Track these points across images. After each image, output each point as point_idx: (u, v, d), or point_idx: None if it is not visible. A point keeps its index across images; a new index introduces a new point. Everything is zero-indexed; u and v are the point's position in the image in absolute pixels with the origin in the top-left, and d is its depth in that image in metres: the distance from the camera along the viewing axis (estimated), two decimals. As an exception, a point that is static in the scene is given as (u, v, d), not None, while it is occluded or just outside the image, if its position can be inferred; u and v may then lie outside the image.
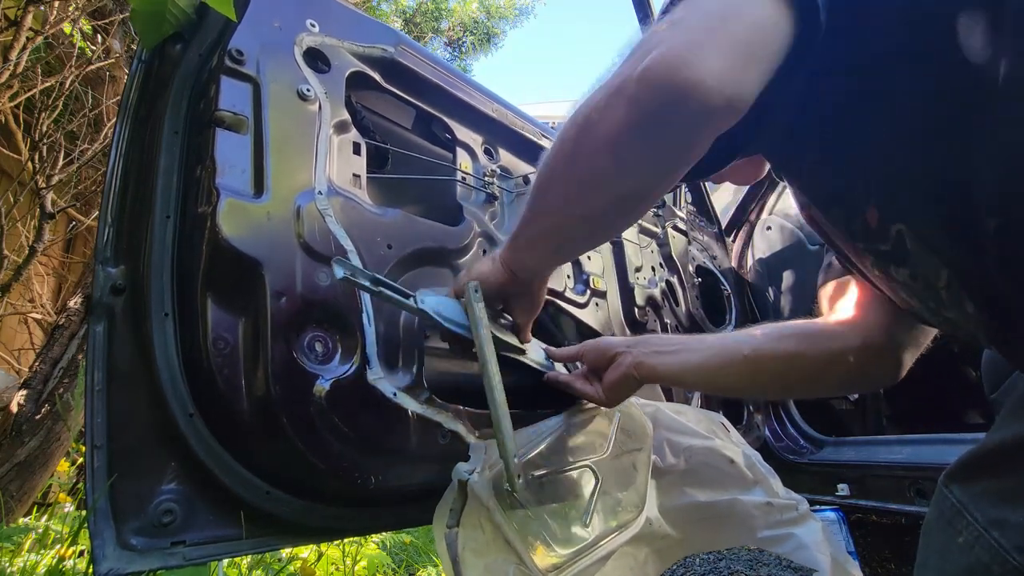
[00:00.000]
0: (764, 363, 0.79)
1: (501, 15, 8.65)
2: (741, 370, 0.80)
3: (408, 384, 0.80)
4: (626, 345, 0.89)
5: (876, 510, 1.35)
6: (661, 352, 0.86)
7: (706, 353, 0.83)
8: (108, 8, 2.59)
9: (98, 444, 0.62)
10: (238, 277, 0.69)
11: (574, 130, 0.57)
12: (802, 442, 1.69)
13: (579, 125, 0.56)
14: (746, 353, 0.79)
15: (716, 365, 0.82)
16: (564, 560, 0.78)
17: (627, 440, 0.96)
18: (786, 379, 0.82)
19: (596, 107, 0.54)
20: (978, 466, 0.47)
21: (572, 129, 0.57)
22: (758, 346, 0.80)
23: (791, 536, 0.90)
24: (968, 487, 0.45)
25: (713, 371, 0.83)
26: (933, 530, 0.49)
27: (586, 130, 0.55)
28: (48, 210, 2.26)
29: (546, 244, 0.70)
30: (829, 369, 0.77)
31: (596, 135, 0.54)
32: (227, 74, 0.76)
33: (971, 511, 0.43)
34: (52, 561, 1.32)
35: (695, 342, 0.87)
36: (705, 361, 0.83)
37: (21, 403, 1.82)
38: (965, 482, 0.46)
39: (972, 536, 0.42)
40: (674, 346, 0.87)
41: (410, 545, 1.99)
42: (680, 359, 0.84)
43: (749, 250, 2.10)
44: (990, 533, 0.41)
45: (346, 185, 0.85)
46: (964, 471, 0.47)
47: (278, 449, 0.69)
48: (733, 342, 0.83)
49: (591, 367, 0.92)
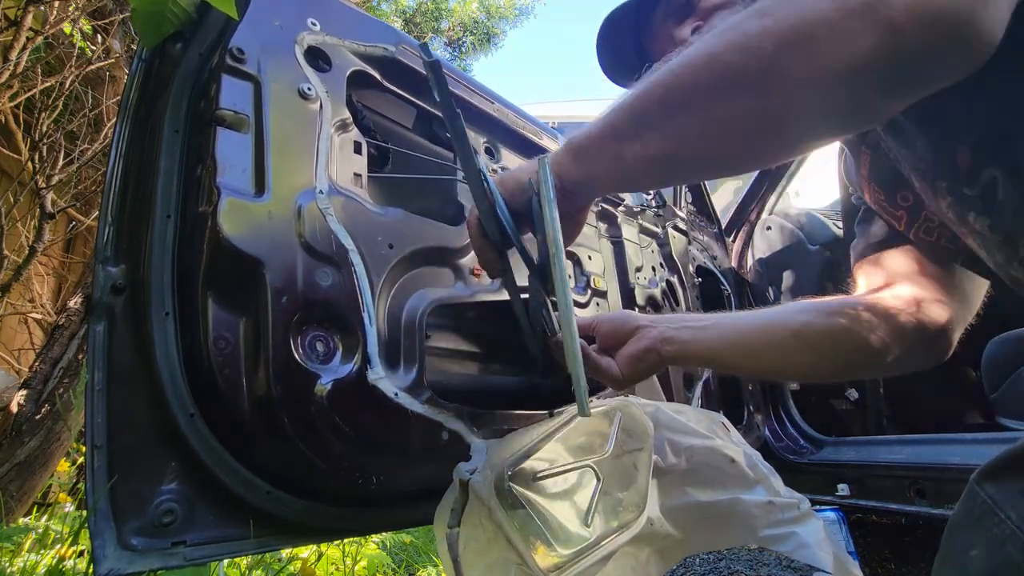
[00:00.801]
0: (815, 341, 0.72)
1: (501, 15, 8.65)
2: (788, 348, 0.73)
3: (409, 384, 0.79)
4: (649, 320, 0.80)
5: (876, 510, 1.35)
6: (692, 327, 0.77)
7: (746, 329, 0.76)
8: (108, 8, 2.59)
9: (98, 444, 0.62)
10: (239, 276, 0.69)
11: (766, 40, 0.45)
12: (802, 442, 1.69)
13: (779, 36, 0.44)
14: (795, 330, 0.73)
15: (760, 342, 0.74)
16: (565, 560, 0.78)
17: (628, 440, 0.96)
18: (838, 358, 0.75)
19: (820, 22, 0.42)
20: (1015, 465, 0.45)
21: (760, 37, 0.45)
22: (807, 322, 0.73)
23: (793, 535, 0.90)
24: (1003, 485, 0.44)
25: (756, 348, 0.75)
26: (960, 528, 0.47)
27: (796, 46, 0.44)
28: (48, 210, 2.26)
29: (638, 164, 0.58)
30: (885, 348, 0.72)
31: (817, 57, 0.43)
32: (228, 73, 0.76)
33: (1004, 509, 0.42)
34: (52, 561, 1.32)
35: (728, 319, 0.80)
36: (746, 337, 0.75)
37: (21, 403, 1.82)
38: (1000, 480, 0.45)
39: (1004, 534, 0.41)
40: (706, 321, 0.79)
41: (410, 545, 1.98)
42: (716, 334, 0.76)
43: (749, 250, 2.11)
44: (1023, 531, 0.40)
45: (347, 184, 0.85)
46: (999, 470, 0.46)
47: (279, 449, 0.69)
48: (777, 318, 0.76)
49: (605, 343, 0.82)
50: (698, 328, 0.78)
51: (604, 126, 0.60)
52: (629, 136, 0.57)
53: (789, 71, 0.44)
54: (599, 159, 0.62)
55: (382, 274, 0.81)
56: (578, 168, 0.63)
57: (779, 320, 0.76)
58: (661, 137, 0.54)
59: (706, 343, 0.77)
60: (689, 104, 0.51)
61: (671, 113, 0.53)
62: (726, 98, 0.49)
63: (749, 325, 0.77)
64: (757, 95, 0.47)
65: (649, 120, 0.55)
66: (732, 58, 0.47)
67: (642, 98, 0.55)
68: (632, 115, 0.57)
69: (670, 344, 0.76)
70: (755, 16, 0.47)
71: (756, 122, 0.49)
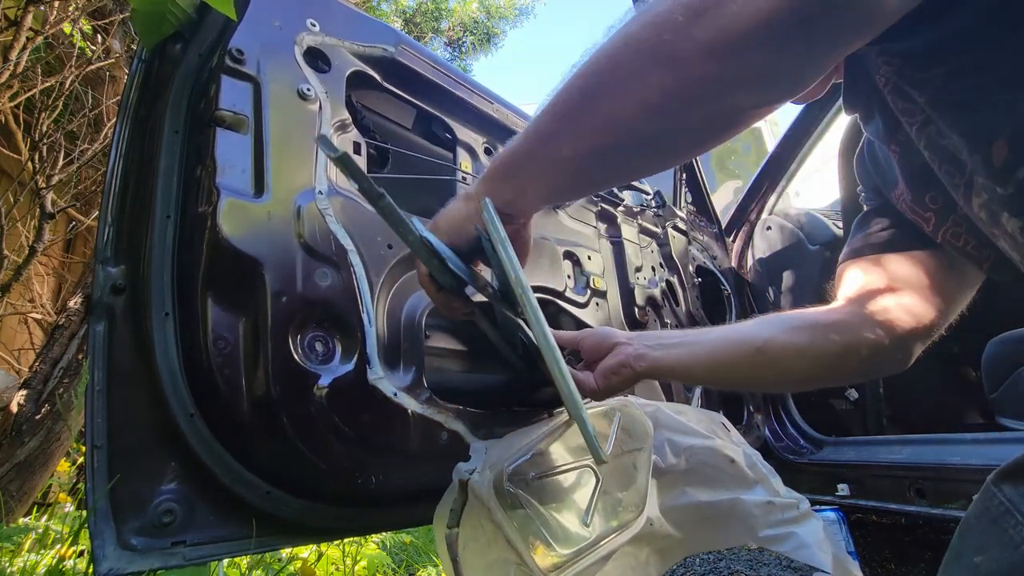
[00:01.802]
0: (777, 356, 0.76)
1: (501, 15, 8.65)
2: (753, 363, 0.77)
3: (409, 384, 0.79)
4: (627, 337, 0.85)
5: (876, 510, 1.35)
6: (665, 344, 0.82)
7: (714, 346, 0.80)
8: (108, 8, 2.59)
9: (98, 444, 0.62)
10: (238, 277, 0.69)
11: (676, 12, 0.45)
12: (802, 442, 1.69)
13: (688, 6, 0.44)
14: (758, 346, 0.76)
15: (726, 358, 0.78)
16: (565, 560, 0.78)
17: (628, 440, 0.96)
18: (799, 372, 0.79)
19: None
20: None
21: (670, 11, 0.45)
22: (770, 339, 0.77)
23: (792, 535, 0.90)
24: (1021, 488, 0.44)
25: (722, 364, 0.79)
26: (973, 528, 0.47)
27: (703, 13, 0.44)
28: (48, 210, 2.26)
29: (571, 166, 0.57)
30: (842, 362, 0.76)
31: (723, 20, 0.43)
32: (227, 73, 0.76)
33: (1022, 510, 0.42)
34: (52, 561, 1.32)
35: (699, 335, 0.84)
36: (713, 354, 0.79)
37: (21, 403, 1.82)
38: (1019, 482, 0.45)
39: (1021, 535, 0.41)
40: (677, 339, 0.83)
41: (410, 545, 1.99)
42: (685, 351, 0.81)
43: (749, 250, 2.10)
44: None
45: (347, 185, 0.85)
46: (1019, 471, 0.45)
47: (278, 449, 0.69)
48: (742, 335, 0.80)
49: (588, 356, 0.87)
50: (670, 345, 0.82)
51: (528, 136, 0.59)
52: (556, 137, 0.56)
53: (699, 37, 0.44)
54: (531, 171, 0.60)
55: (381, 274, 0.81)
56: (510, 187, 0.62)
57: (745, 336, 0.79)
58: (590, 131, 0.53)
59: (676, 359, 0.80)
60: (611, 88, 0.50)
61: (595, 102, 0.52)
62: (646, 74, 0.48)
63: (718, 340, 0.80)
64: (672, 67, 0.46)
65: (574, 115, 0.54)
66: (645, 34, 0.47)
67: (563, 95, 0.54)
68: (555, 115, 0.55)
69: (642, 360, 0.80)
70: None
71: (679, 97, 0.48)
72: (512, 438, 0.84)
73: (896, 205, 0.79)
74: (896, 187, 0.76)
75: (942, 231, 0.72)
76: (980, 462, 1.16)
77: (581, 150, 0.55)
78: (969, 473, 1.16)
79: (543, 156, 0.58)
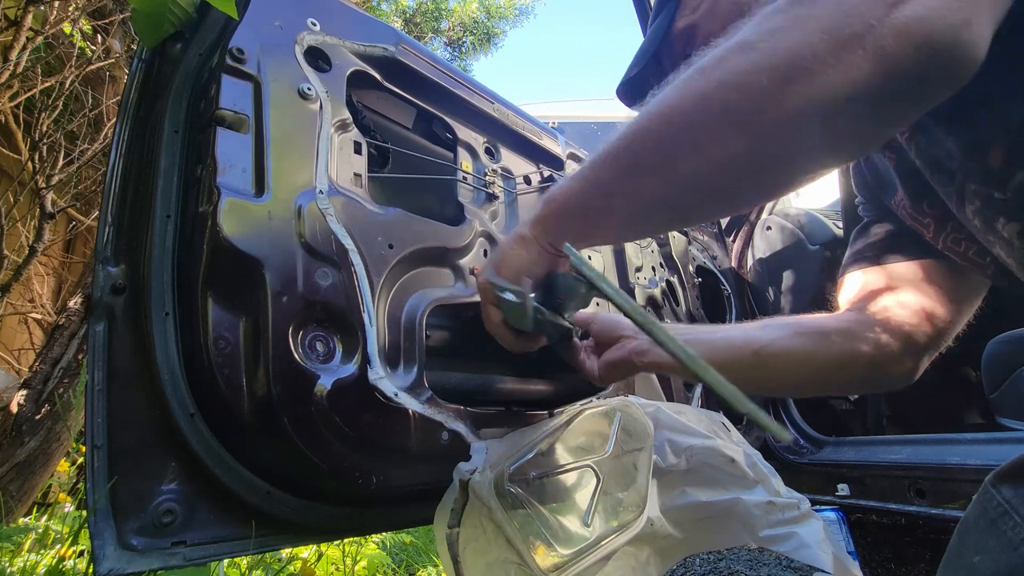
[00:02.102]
0: (775, 361, 0.75)
1: (501, 15, 8.65)
2: (749, 366, 0.76)
3: (409, 384, 0.79)
4: (633, 330, 0.85)
5: (876, 510, 1.35)
6: None
7: (714, 346, 0.80)
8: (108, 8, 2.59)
9: (98, 444, 0.62)
10: (239, 276, 0.69)
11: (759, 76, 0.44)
12: (802, 442, 1.69)
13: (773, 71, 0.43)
14: (756, 349, 0.76)
15: (723, 360, 0.78)
16: (565, 560, 0.78)
17: (628, 440, 0.96)
18: (797, 378, 0.79)
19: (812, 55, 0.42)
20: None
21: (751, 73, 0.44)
22: (769, 343, 0.76)
23: (793, 535, 0.90)
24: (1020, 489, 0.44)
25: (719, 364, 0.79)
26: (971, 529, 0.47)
27: (791, 80, 0.43)
28: (48, 210, 2.26)
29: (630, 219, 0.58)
30: (843, 371, 0.75)
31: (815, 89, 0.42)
32: (228, 73, 0.76)
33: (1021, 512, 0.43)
34: (52, 561, 1.32)
35: (704, 333, 0.84)
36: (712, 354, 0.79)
37: (21, 403, 1.82)
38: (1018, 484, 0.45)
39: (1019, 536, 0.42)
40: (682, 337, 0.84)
41: (410, 545, 1.98)
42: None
43: (749, 250, 2.10)
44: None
45: (347, 184, 0.85)
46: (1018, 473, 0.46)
47: (279, 449, 0.69)
48: (744, 337, 0.79)
49: (596, 339, 0.89)
50: None
51: (588, 185, 0.59)
52: (619, 191, 0.56)
53: (786, 106, 0.44)
54: (589, 220, 0.61)
55: (382, 274, 0.81)
56: (567, 233, 0.63)
57: (745, 338, 0.78)
58: (657, 187, 0.53)
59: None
60: (685, 148, 0.50)
61: (666, 161, 0.51)
62: (723, 138, 0.47)
63: (719, 341, 0.80)
64: (755, 132, 0.46)
65: (641, 171, 0.53)
66: (725, 96, 0.46)
67: (627, 150, 0.54)
68: (619, 169, 0.55)
69: (644, 357, 0.81)
70: (738, 51, 0.46)
71: (757, 159, 0.48)
72: (512, 438, 0.84)
73: (896, 212, 0.79)
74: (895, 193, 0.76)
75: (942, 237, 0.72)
76: (980, 462, 1.16)
77: (645, 205, 0.55)
78: (969, 473, 1.16)
79: (604, 207, 0.58)
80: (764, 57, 0.44)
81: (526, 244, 0.66)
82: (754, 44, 0.45)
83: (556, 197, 0.63)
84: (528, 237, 0.66)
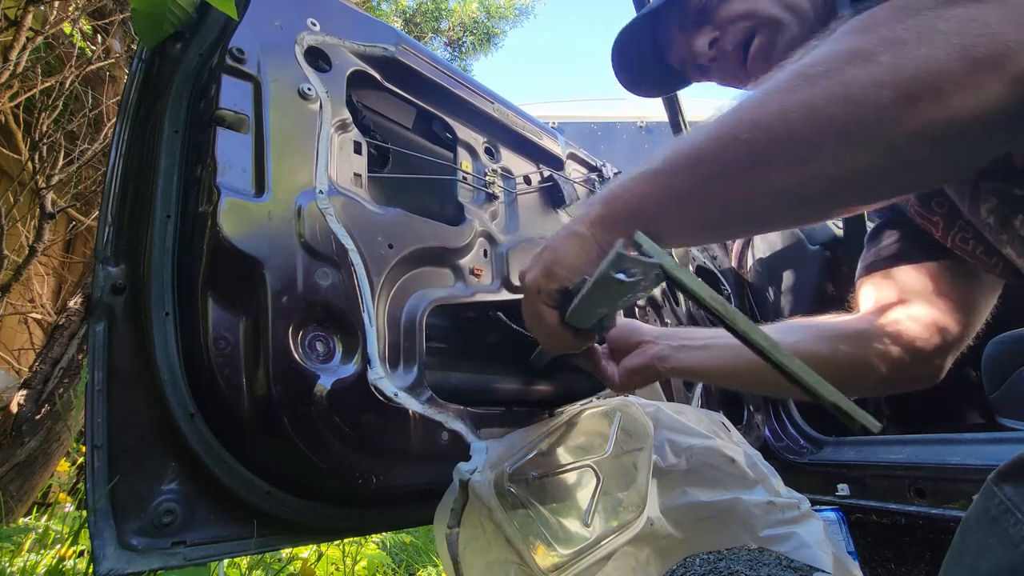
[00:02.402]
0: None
1: (501, 15, 8.65)
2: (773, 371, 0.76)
3: (409, 384, 0.79)
4: (653, 335, 0.85)
5: (876, 510, 1.35)
6: (688, 347, 0.81)
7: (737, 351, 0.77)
8: (108, 8, 2.59)
9: (98, 444, 0.62)
10: (239, 276, 0.69)
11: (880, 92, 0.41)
12: (802, 442, 1.69)
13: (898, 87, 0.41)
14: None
15: (748, 365, 0.76)
16: (565, 560, 0.78)
17: (628, 440, 0.96)
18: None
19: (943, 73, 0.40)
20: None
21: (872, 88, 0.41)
22: (794, 346, 0.75)
23: (793, 535, 0.90)
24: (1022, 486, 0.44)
25: (744, 371, 0.78)
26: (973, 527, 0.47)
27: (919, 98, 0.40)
28: (48, 210, 2.26)
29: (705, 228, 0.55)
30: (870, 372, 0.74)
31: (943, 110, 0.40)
32: (228, 73, 0.76)
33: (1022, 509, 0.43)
34: (52, 561, 1.32)
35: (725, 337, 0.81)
36: (735, 360, 0.78)
37: (21, 403, 1.82)
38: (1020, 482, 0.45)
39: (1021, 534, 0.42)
40: (701, 341, 0.82)
41: (410, 545, 1.98)
42: (708, 356, 0.80)
43: (749, 250, 2.10)
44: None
45: (347, 184, 0.85)
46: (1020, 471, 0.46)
47: (279, 449, 0.69)
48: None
49: (612, 346, 0.87)
50: (694, 348, 0.82)
51: (661, 187, 0.54)
52: (700, 198, 0.52)
53: (909, 125, 0.41)
54: (659, 223, 0.56)
55: (382, 274, 0.81)
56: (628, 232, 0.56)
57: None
58: (743, 196, 0.49)
59: (698, 363, 0.81)
60: (784, 161, 0.46)
61: (759, 172, 0.47)
62: (830, 153, 0.44)
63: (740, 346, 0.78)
64: (869, 150, 0.43)
65: (728, 180, 0.49)
66: (839, 111, 0.43)
67: (717, 156, 0.50)
68: (703, 174, 0.51)
69: (666, 363, 0.81)
70: (852, 62, 0.43)
71: (862, 176, 0.44)
72: (512, 438, 0.84)
73: (906, 211, 0.78)
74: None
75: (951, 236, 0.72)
76: (980, 462, 1.16)
77: (726, 214, 0.52)
78: (969, 473, 1.16)
79: (678, 212, 0.54)
80: (886, 72, 0.41)
81: (583, 242, 0.61)
82: (872, 55, 0.42)
83: (620, 196, 0.58)
84: (585, 236, 0.61)
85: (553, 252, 0.63)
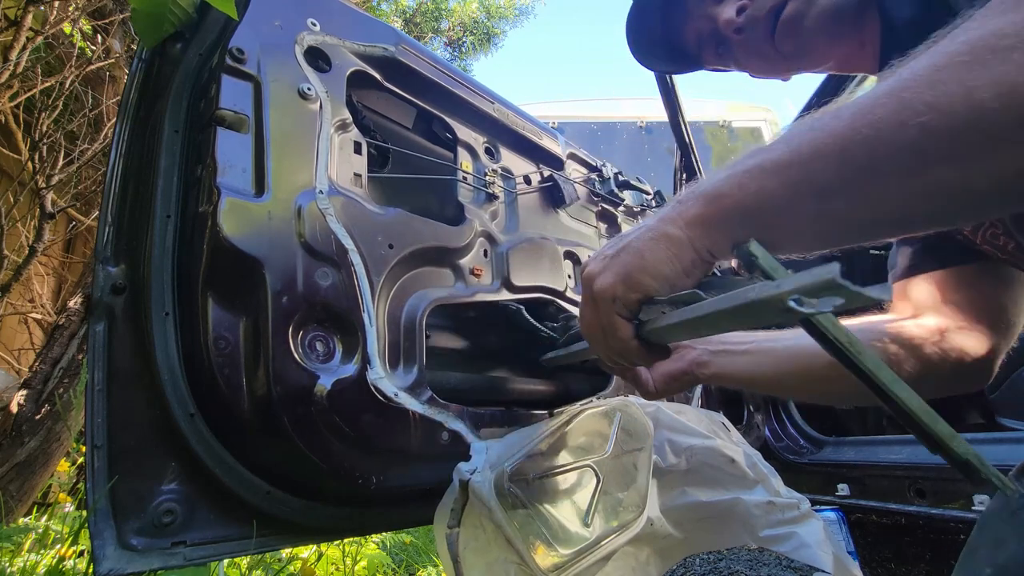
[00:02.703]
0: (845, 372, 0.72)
1: (501, 15, 8.65)
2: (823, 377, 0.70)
3: (409, 384, 0.79)
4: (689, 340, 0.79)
5: (876, 510, 1.35)
6: (729, 351, 0.77)
7: (780, 357, 0.74)
8: (108, 8, 2.59)
9: (98, 444, 0.62)
10: (239, 276, 0.69)
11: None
12: (802, 442, 1.69)
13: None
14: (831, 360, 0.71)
15: (794, 372, 0.72)
16: (565, 560, 0.78)
17: (628, 440, 0.96)
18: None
19: None
20: None
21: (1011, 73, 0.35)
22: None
23: (793, 535, 0.90)
24: None
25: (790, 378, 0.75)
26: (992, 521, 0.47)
27: None
28: (48, 210, 2.26)
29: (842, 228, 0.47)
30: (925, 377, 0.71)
31: None
32: (228, 73, 0.76)
33: None
34: (52, 561, 1.32)
35: (767, 341, 0.78)
36: (781, 366, 0.74)
37: (21, 403, 1.82)
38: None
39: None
40: (744, 345, 0.78)
41: (410, 545, 1.98)
42: (750, 360, 0.76)
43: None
44: None
45: (347, 184, 0.85)
46: None
47: (279, 449, 0.69)
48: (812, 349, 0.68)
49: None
50: (735, 352, 0.78)
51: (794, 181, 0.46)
52: (846, 194, 0.44)
53: None
54: (785, 222, 0.48)
55: (382, 274, 0.81)
56: (738, 237, 0.49)
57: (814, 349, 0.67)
58: (906, 195, 0.41)
59: (739, 368, 0.77)
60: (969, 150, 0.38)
61: (932, 164, 0.40)
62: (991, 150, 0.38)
63: (786, 351, 0.75)
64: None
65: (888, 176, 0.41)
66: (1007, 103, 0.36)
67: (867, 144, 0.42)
68: (850, 165, 0.43)
69: (706, 368, 0.77)
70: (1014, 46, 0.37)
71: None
72: (512, 438, 0.84)
73: None
74: None
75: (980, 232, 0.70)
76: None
77: (874, 215, 0.44)
78: (969, 473, 1.16)
79: (814, 210, 0.46)
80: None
81: (677, 247, 0.51)
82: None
83: (730, 193, 0.49)
84: (680, 239, 0.51)
85: (638, 256, 0.53)
